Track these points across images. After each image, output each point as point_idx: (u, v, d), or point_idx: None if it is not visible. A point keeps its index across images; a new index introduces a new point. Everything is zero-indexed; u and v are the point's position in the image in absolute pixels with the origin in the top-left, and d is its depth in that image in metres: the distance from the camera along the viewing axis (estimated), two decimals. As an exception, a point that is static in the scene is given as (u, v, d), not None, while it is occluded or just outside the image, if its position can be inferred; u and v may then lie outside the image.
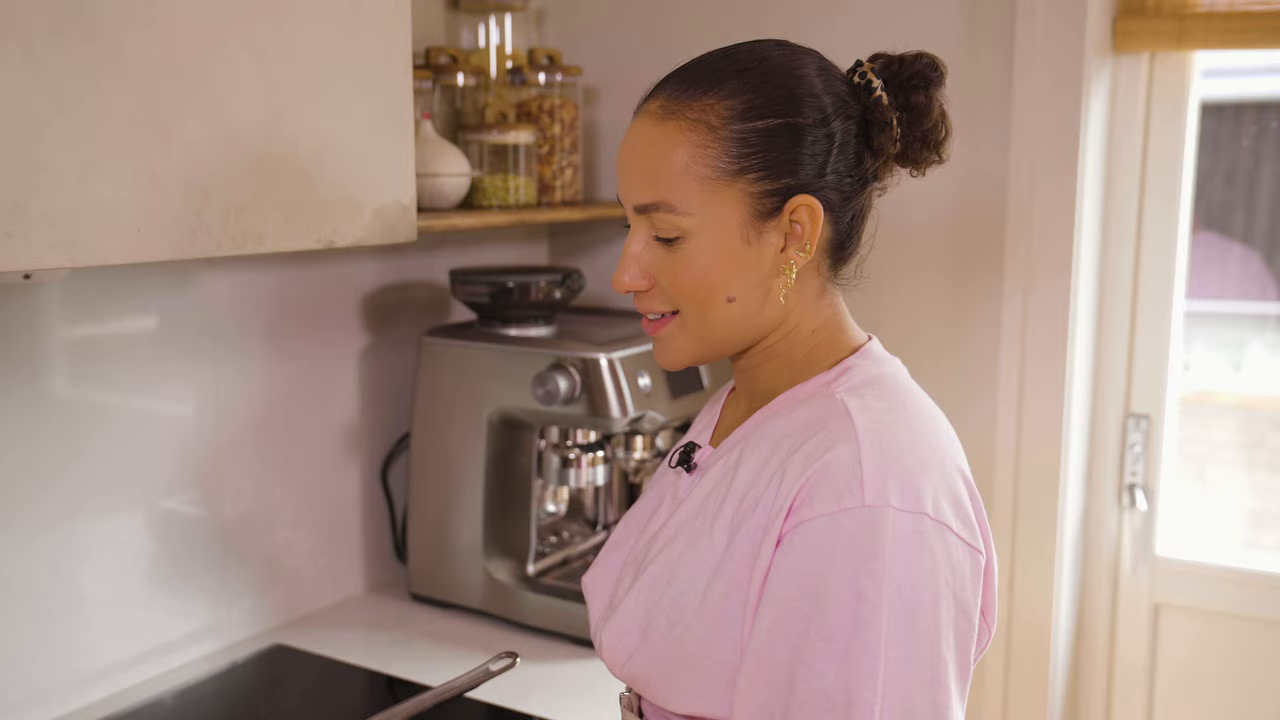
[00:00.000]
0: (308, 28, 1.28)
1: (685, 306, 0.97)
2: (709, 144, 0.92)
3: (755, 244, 0.94)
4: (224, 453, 1.67)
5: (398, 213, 1.42)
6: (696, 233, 0.93)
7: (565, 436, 1.76)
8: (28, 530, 1.44)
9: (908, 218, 1.90)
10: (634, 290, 0.98)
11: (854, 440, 0.88)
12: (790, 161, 0.93)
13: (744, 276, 0.95)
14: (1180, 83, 1.87)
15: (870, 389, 0.95)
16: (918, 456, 0.90)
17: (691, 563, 0.95)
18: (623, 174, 0.97)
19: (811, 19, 1.91)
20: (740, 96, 0.93)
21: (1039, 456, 1.86)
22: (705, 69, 0.95)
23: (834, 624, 0.85)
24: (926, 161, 0.99)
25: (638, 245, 0.97)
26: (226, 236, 1.21)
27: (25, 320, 1.42)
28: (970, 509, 0.92)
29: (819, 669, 0.85)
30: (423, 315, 1.98)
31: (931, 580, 0.86)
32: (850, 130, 0.95)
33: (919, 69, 0.97)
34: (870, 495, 0.86)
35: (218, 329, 1.64)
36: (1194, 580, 1.97)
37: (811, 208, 0.93)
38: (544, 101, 1.91)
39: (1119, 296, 1.94)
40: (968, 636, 0.89)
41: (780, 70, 0.94)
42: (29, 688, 1.45)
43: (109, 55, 1.09)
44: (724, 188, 0.93)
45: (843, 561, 0.85)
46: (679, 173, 0.93)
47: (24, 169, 1.03)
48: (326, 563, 1.86)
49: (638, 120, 0.97)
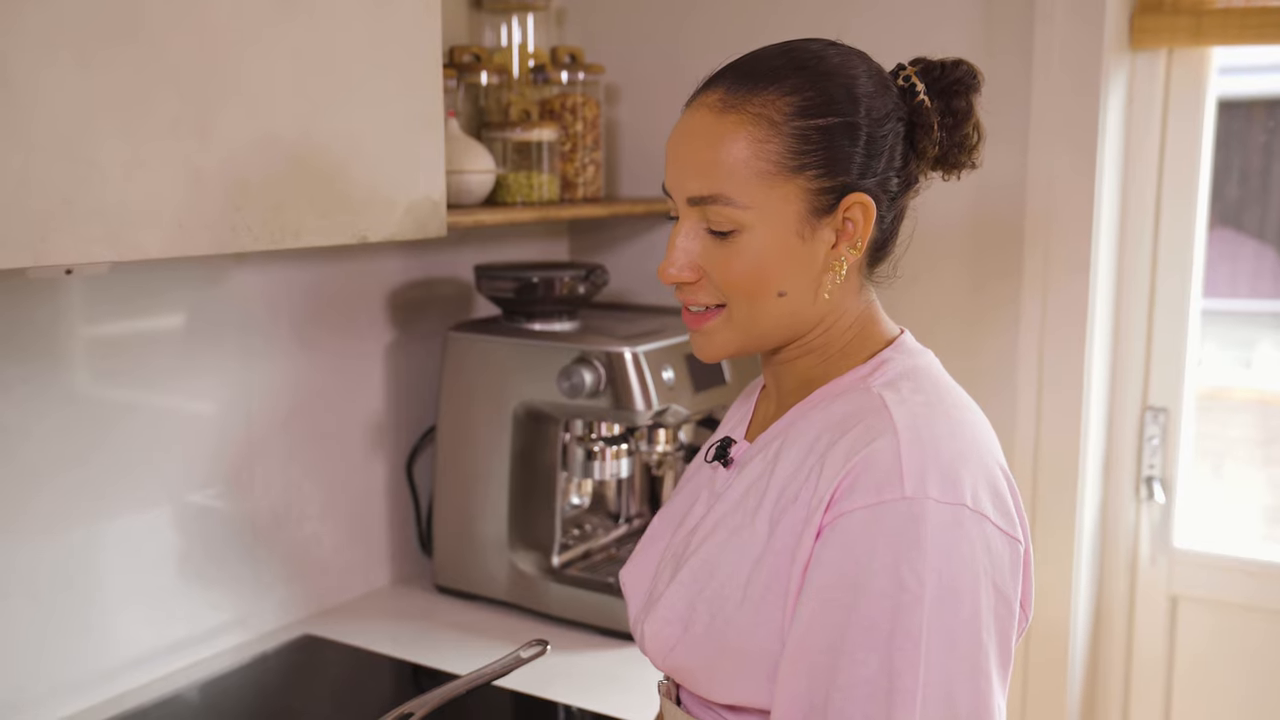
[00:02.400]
0: (342, 29, 1.30)
1: (735, 299, 0.97)
2: (770, 139, 0.93)
3: (809, 240, 0.95)
4: (253, 447, 1.70)
5: (428, 209, 1.44)
6: (753, 226, 0.94)
7: (589, 429, 1.79)
8: (60, 524, 1.46)
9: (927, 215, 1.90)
10: (681, 281, 0.98)
11: (893, 433, 0.89)
12: (846, 160, 0.94)
13: (797, 272, 0.96)
14: (1198, 79, 1.89)
15: (906, 382, 0.96)
16: (956, 448, 0.91)
17: (733, 555, 0.96)
18: (675, 165, 0.97)
19: (830, 17, 1.93)
20: (802, 93, 0.93)
21: (1058, 449, 1.88)
22: (765, 64, 0.96)
23: (875, 614, 0.86)
24: (961, 165, 1.01)
25: (688, 238, 0.97)
26: (265, 232, 1.24)
27: (60, 316, 1.44)
28: (1009, 499, 0.93)
29: (860, 658, 0.86)
30: (448, 310, 2.00)
31: (971, 570, 0.87)
32: (899, 132, 0.97)
33: (960, 75, 0.99)
34: (910, 487, 0.87)
35: (248, 324, 1.67)
36: (1211, 572, 1.98)
37: (865, 206, 0.95)
38: (566, 99, 1.93)
39: (1137, 291, 1.96)
40: (1008, 625, 0.90)
41: (838, 69, 0.95)
42: (61, 678, 1.48)
43: (155, 57, 1.11)
44: (783, 183, 0.93)
45: (884, 553, 0.86)
46: (739, 166, 0.93)
47: (73, 166, 1.06)
48: (353, 555, 1.88)
49: (693, 112, 0.97)
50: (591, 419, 1.76)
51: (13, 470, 1.40)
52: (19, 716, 1.44)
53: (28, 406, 1.41)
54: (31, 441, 1.42)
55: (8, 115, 1.01)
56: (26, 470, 1.42)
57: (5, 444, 1.39)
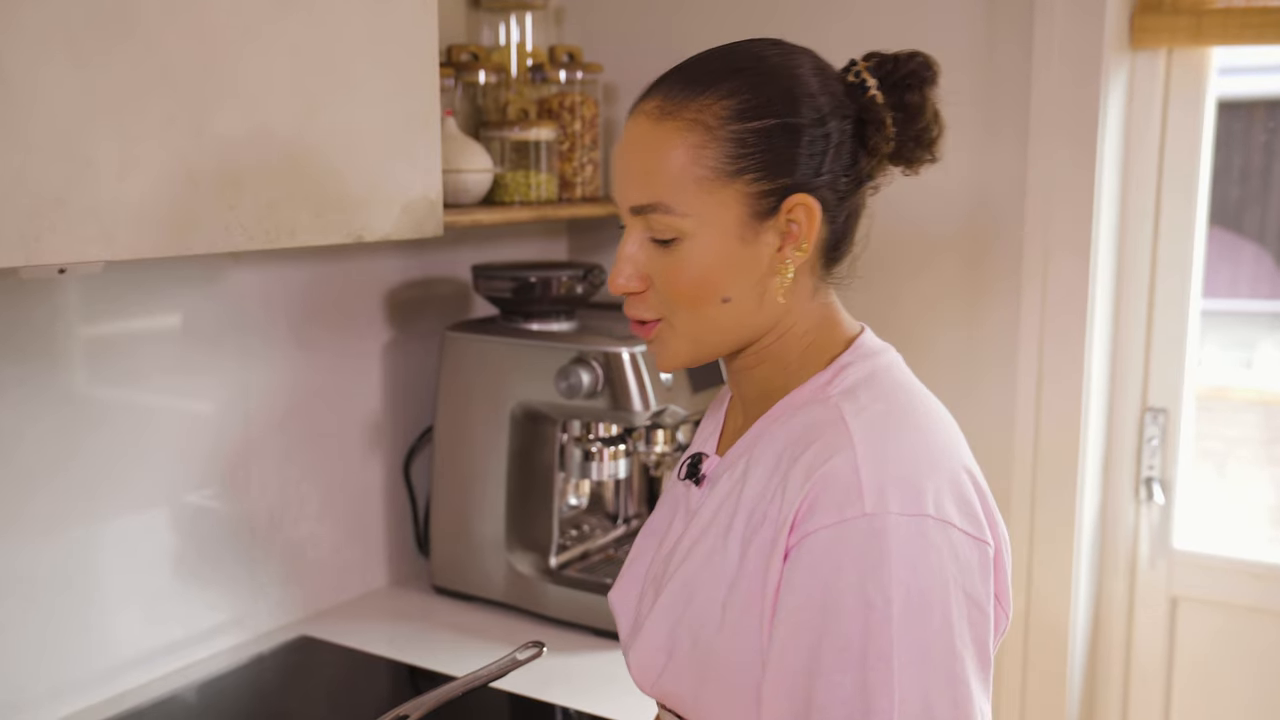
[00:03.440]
0: (339, 27, 1.30)
1: (680, 308, 0.96)
2: (706, 144, 0.92)
3: (752, 244, 0.94)
4: (250, 447, 1.69)
5: (425, 208, 1.44)
6: (693, 233, 0.93)
7: (587, 430, 1.78)
8: (57, 524, 1.46)
9: (925, 214, 1.91)
10: (629, 291, 0.98)
11: (850, 448, 0.88)
12: (787, 161, 0.92)
13: (741, 276, 0.94)
14: (1198, 79, 1.88)
15: (865, 389, 0.95)
16: (916, 457, 0.90)
17: (708, 578, 0.95)
18: (618, 175, 0.97)
19: (829, 13, 1.92)
20: (737, 96, 0.92)
21: (1057, 450, 1.87)
22: (701, 69, 0.95)
23: (846, 634, 0.86)
24: (920, 160, 0.99)
25: (633, 246, 0.96)
26: (259, 230, 1.23)
27: (54, 316, 1.44)
28: (975, 500, 0.92)
29: (836, 679, 0.86)
30: (445, 310, 1.99)
31: (940, 580, 0.87)
32: (846, 130, 0.95)
33: (913, 68, 0.96)
34: (870, 503, 0.86)
35: (244, 324, 1.66)
36: (1211, 574, 1.98)
37: (809, 207, 0.93)
38: (564, 99, 1.93)
39: (1136, 291, 1.95)
40: (983, 629, 0.90)
41: (777, 70, 0.94)
42: (58, 679, 1.47)
43: (149, 55, 1.11)
44: (721, 188, 0.92)
45: (849, 572, 0.86)
46: (676, 173, 0.92)
47: (67, 165, 1.05)
48: (350, 556, 1.88)
49: (633, 121, 0.96)
50: (589, 419, 1.76)
51: (8, 471, 1.40)
52: (17, 717, 1.43)
53: (23, 407, 1.41)
54: (27, 442, 1.41)
55: (2, 114, 1.00)
56: (22, 471, 1.41)
57: (3, 446, 1.39)
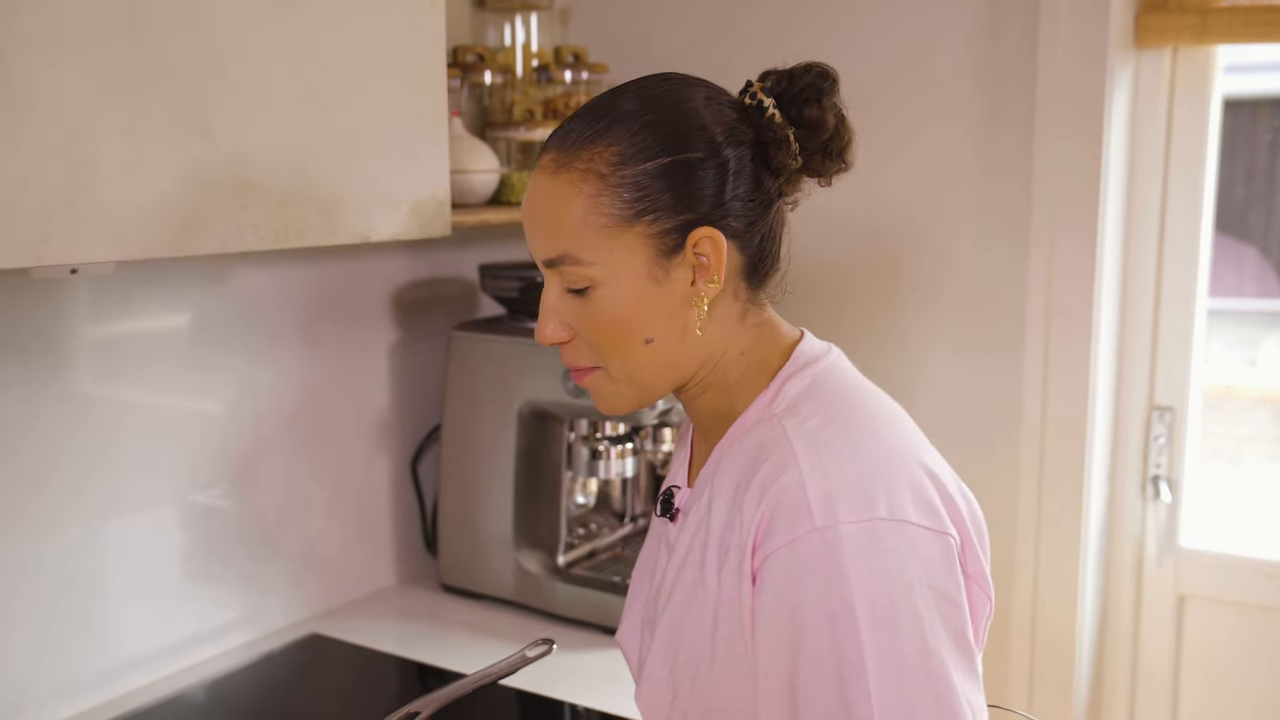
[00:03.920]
0: (345, 27, 1.30)
1: (607, 355, 0.96)
2: (601, 193, 0.92)
3: (664, 282, 0.94)
4: (259, 446, 1.70)
5: (433, 208, 1.44)
6: (604, 280, 0.93)
7: (594, 429, 1.79)
8: (65, 523, 1.47)
9: (932, 216, 1.91)
10: (557, 342, 0.98)
11: (795, 465, 0.89)
12: (686, 197, 0.93)
13: (658, 316, 0.95)
14: (1203, 77, 1.88)
15: (807, 401, 0.95)
16: (862, 463, 0.90)
17: (694, 614, 0.96)
18: (527, 230, 0.97)
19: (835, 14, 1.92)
20: (625, 141, 0.92)
21: (1063, 449, 1.87)
22: (590, 117, 0.95)
23: (817, 649, 0.86)
24: (831, 171, 0.98)
25: (553, 297, 0.96)
26: (269, 230, 1.24)
27: (64, 316, 1.45)
28: (933, 493, 0.92)
29: (817, 694, 0.87)
30: (452, 310, 2.00)
31: (902, 581, 0.87)
32: (744, 156, 0.95)
33: (809, 81, 0.96)
34: (820, 518, 0.86)
35: (252, 324, 1.67)
36: (1218, 571, 1.98)
37: (713, 238, 0.93)
38: (570, 99, 1.93)
39: (1142, 289, 1.95)
40: (958, 620, 0.90)
41: (665, 107, 0.94)
42: (67, 677, 1.48)
43: (156, 55, 1.12)
44: (623, 232, 0.92)
45: (809, 588, 0.86)
46: (577, 224, 0.93)
47: (75, 166, 1.06)
48: (359, 554, 1.88)
49: (534, 176, 0.97)
50: (596, 418, 1.76)
51: (18, 470, 1.41)
52: (24, 715, 1.44)
53: (32, 407, 1.41)
54: (36, 441, 1.42)
55: (9, 115, 1.01)
56: (32, 470, 1.42)
57: (10, 444, 1.40)
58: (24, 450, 1.41)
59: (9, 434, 1.39)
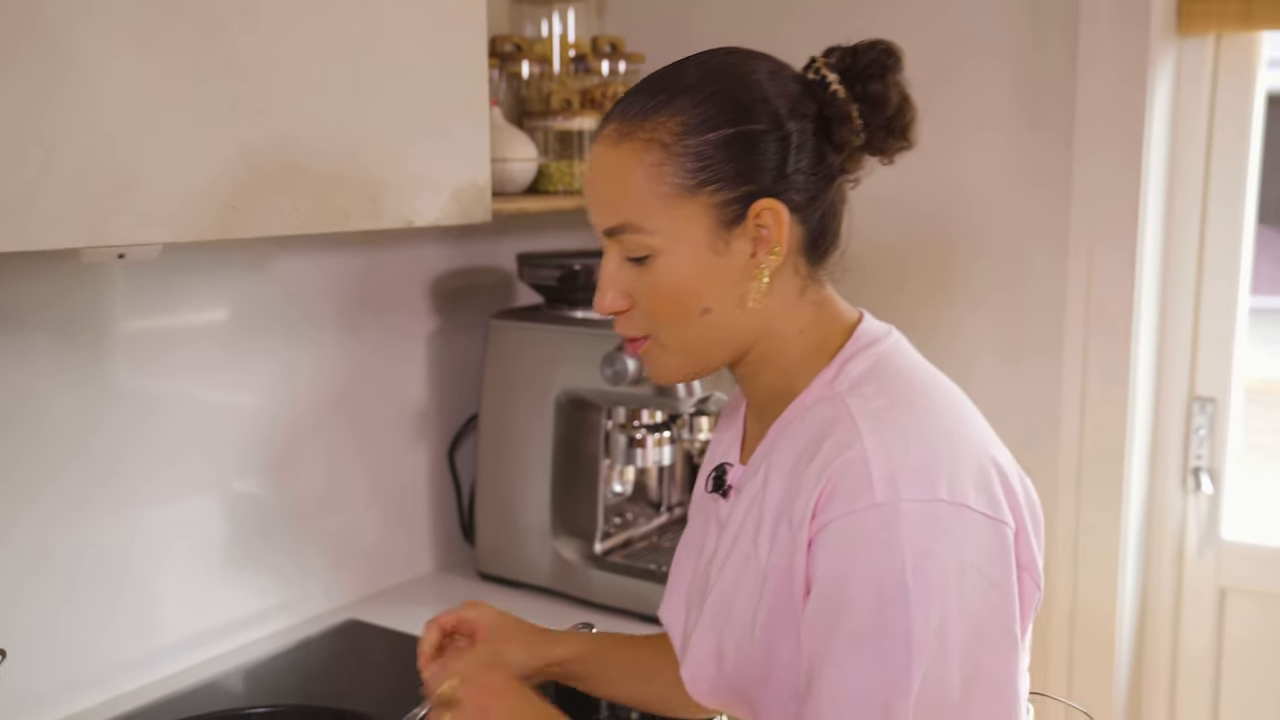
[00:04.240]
0: (392, 15, 1.32)
1: (664, 323, 0.97)
2: (664, 162, 0.93)
3: (725, 253, 0.94)
4: (298, 434, 1.71)
5: (474, 194, 1.45)
6: (665, 250, 0.94)
7: (631, 417, 1.79)
8: (108, 510, 1.48)
9: (971, 207, 1.90)
10: (614, 311, 0.99)
11: (859, 442, 0.89)
12: (748, 169, 0.93)
13: (717, 286, 0.95)
14: (1247, 65, 1.87)
15: (871, 381, 0.95)
16: (927, 444, 0.90)
17: (745, 588, 0.97)
18: (588, 200, 0.99)
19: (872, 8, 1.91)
20: (690, 111, 0.93)
21: (1103, 440, 1.86)
22: (654, 87, 0.96)
23: (859, 622, 0.86)
24: (894, 149, 0.99)
25: (612, 267, 0.98)
26: (314, 214, 1.25)
27: (105, 303, 1.46)
28: (994, 480, 0.92)
29: (853, 666, 0.87)
30: (490, 299, 2.01)
31: (955, 565, 0.87)
32: (807, 129, 0.95)
33: (874, 57, 0.96)
34: (881, 493, 0.87)
35: (292, 313, 1.68)
36: (1260, 564, 1.96)
37: (775, 210, 0.94)
38: (607, 89, 1.93)
39: (1184, 279, 1.94)
40: (1005, 609, 0.90)
41: (729, 79, 0.95)
42: (108, 662, 1.50)
43: (212, 41, 1.13)
44: (686, 202, 0.93)
45: (862, 561, 0.87)
46: (639, 193, 0.93)
47: (133, 148, 1.08)
48: (396, 542, 1.89)
49: (595, 146, 0.98)
50: (634, 406, 1.77)
51: (62, 458, 1.42)
52: (76, 694, 1.46)
53: (75, 394, 1.43)
54: (79, 429, 1.43)
55: (74, 94, 1.03)
56: (76, 458, 1.44)
57: (54, 431, 1.41)
58: (68, 437, 1.43)
59: (53, 421, 1.41)
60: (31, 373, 1.38)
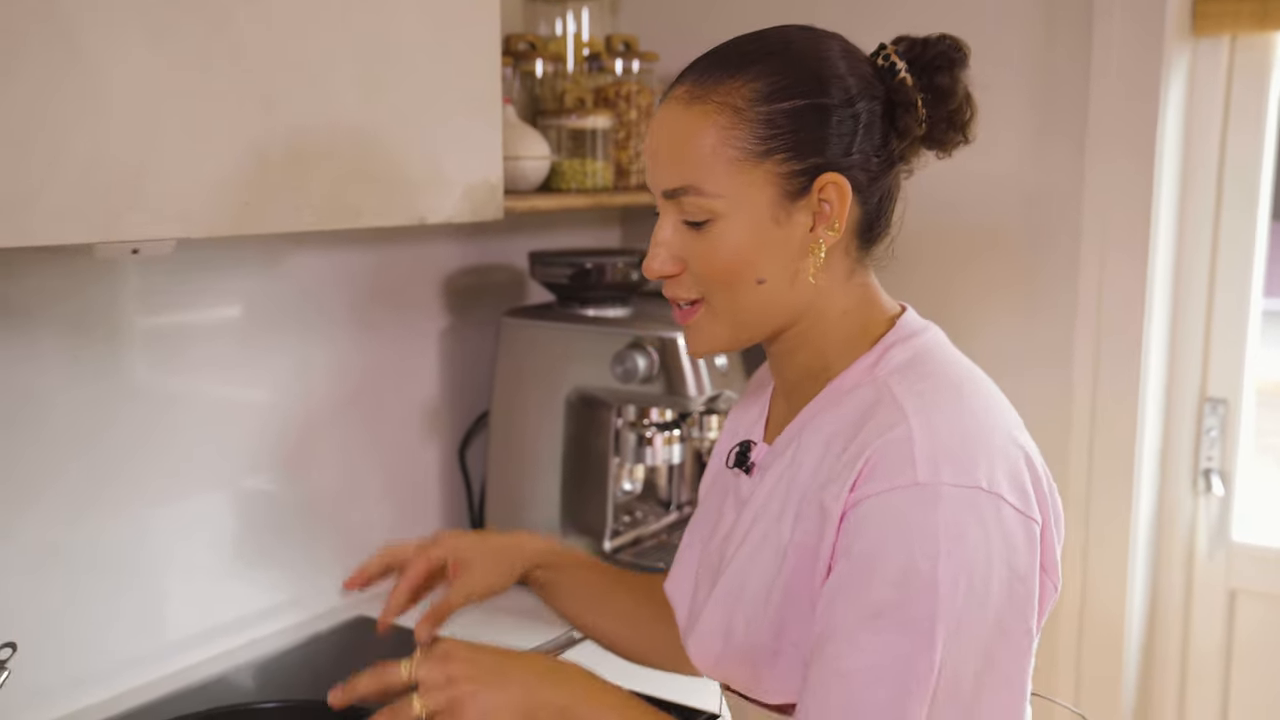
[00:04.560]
0: (404, 11, 1.32)
1: (715, 290, 0.97)
2: (736, 126, 0.93)
3: (785, 224, 0.94)
4: (310, 430, 1.71)
5: (486, 192, 1.45)
6: (726, 214, 0.94)
7: (642, 415, 1.79)
8: (119, 505, 1.49)
9: (983, 205, 1.90)
10: (664, 275, 0.98)
11: (905, 422, 0.89)
12: (817, 141, 0.93)
13: (774, 257, 0.95)
14: (1262, 66, 1.86)
15: (913, 368, 0.96)
16: (969, 431, 0.90)
17: (761, 565, 0.97)
18: (651, 160, 0.98)
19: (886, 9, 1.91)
20: (766, 79, 0.93)
21: (1114, 440, 1.86)
22: (730, 53, 0.96)
23: (882, 600, 0.86)
24: (952, 143, 0.99)
25: (667, 230, 0.97)
26: (327, 210, 1.25)
27: (119, 300, 1.47)
28: (1027, 476, 0.92)
29: (868, 644, 0.86)
30: (501, 296, 2.01)
31: (985, 555, 0.87)
32: (875, 111, 0.95)
33: (942, 50, 0.97)
34: (923, 473, 0.86)
35: (303, 309, 1.69)
36: (1270, 566, 1.95)
37: (839, 185, 0.94)
38: (621, 87, 1.94)
39: (1196, 278, 1.93)
40: (1025, 604, 0.90)
41: (805, 53, 0.95)
42: (118, 657, 1.50)
43: (219, 34, 1.13)
44: (752, 169, 0.93)
45: (896, 538, 0.86)
46: (707, 155, 0.93)
47: (145, 143, 1.08)
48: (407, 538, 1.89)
49: (664, 106, 0.97)
50: (644, 405, 1.77)
51: (74, 453, 1.43)
52: (85, 689, 1.47)
53: (87, 389, 1.43)
54: (92, 424, 1.44)
55: (83, 89, 1.03)
56: (87, 454, 1.44)
57: (66, 427, 1.42)
58: (80, 433, 1.43)
59: (64, 416, 1.42)
60: (43, 367, 1.39)
